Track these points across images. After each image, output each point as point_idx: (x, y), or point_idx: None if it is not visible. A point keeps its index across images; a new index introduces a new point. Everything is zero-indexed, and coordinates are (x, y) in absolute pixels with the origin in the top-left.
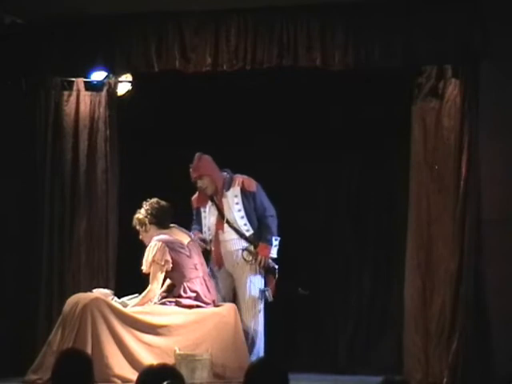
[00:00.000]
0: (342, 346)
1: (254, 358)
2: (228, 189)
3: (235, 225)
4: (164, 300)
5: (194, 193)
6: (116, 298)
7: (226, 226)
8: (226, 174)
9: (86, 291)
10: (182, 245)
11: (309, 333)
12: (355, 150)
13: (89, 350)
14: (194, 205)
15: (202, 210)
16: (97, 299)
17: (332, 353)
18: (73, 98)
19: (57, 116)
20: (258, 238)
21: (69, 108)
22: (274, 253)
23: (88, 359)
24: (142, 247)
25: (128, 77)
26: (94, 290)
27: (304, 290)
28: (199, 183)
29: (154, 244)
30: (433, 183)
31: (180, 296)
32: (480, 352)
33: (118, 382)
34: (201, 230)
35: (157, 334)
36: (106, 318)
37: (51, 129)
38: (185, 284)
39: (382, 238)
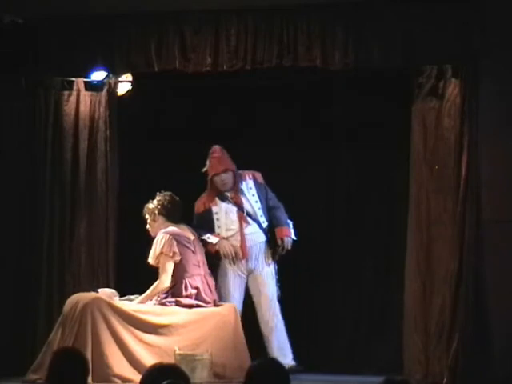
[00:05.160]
0: (342, 345)
1: (283, 358)
2: (241, 183)
3: (255, 216)
4: (164, 300)
5: (194, 191)
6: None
7: (248, 219)
8: None
9: (86, 291)
10: (188, 239)
11: (309, 333)
12: (355, 150)
13: (89, 350)
14: (202, 208)
15: (213, 209)
16: (97, 299)
17: (332, 353)
18: (73, 98)
19: (57, 116)
20: (271, 229)
21: (69, 108)
22: (292, 234)
23: (82, 357)
24: (142, 246)
25: (128, 77)
26: (100, 290)
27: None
28: (223, 177)
29: (162, 236)
30: (433, 183)
31: (181, 293)
32: (480, 352)
33: (118, 381)
34: (211, 232)
35: (157, 333)
36: (106, 318)
37: (51, 129)
38: (186, 280)
39: (381, 237)
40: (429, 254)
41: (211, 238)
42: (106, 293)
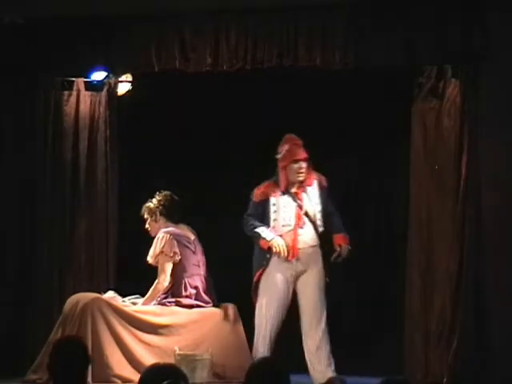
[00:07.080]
0: (342, 345)
1: (316, 365)
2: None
3: (313, 218)
4: (164, 300)
5: (194, 191)
6: (126, 299)
7: (305, 218)
8: None
9: (86, 291)
10: (188, 239)
11: None
12: (355, 150)
13: (89, 350)
14: (260, 196)
15: (271, 200)
16: (97, 299)
17: (332, 353)
18: (73, 98)
19: (57, 116)
20: (327, 234)
21: (69, 108)
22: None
23: (83, 344)
24: (142, 246)
25: (128, 77)
26: (106, 294)
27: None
28: (303, 164)
29: (162, 236)
30: (433, 183)
31: (181, 293)
32: (480, 352)
33: (118, 381)
34: (267, 225)
35: (157, 333)
36: (106, 318)
37: (51, 129)
38: (186, 280)
39: (381, 237)
40: (429, 253)
41: (265, 233)
42: (110, 297)
